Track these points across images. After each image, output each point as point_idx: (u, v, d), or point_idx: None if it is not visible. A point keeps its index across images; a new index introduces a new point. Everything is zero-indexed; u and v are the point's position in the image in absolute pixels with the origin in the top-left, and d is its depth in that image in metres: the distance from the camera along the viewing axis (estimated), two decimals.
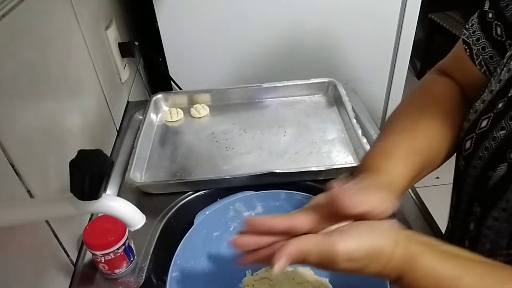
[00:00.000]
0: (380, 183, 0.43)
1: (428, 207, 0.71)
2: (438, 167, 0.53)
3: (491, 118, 0.46)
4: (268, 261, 0.38)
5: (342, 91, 0.94)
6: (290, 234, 0.38)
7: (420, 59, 2.71)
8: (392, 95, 1.38)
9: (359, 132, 0.81)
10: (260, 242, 0.39)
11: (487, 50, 0.52)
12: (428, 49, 2.60)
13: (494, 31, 0.51)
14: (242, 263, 0.40)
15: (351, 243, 0.36)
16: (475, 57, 0.53)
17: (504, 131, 0.44)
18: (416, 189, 0.74)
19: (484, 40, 0.52)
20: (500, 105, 0.45)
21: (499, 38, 0.50)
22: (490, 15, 0.51)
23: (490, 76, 0.51)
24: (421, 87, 0.60)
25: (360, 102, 0.98)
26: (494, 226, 0.45)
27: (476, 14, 0.54)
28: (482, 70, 0.53)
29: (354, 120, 0.85)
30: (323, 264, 0.36)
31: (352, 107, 0.89)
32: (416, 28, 1.23)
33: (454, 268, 0.37)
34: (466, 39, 0.54)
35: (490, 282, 0.36)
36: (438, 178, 1.88)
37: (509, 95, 0.45)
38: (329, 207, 0.38)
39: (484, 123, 0.47)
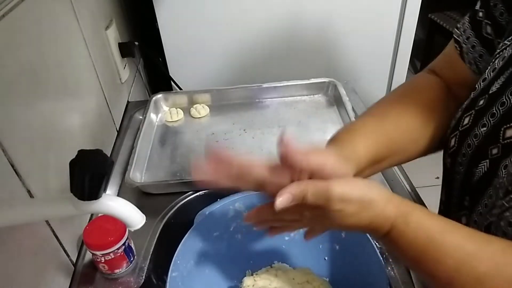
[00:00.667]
0: (335, 150, 0.46)
1: (428, 207, 0.71)
2: (415, 157, 0.54)
3: (472, 115, 0.47)
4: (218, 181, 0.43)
5: (342, 91, 0.94)
6: (245, 171, 0.43)
7: (420, 59, 2.70)
8: None
9: None
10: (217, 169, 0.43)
11: (476, 48, 0.52)
12: (428, 49, 2.59)
13: (484, 30, 0.51)
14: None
15: (346, 185, 0.40)
16: (465, 55, 0.54)
17: (485, 128, 0.45)
18: (416, 189, 0.74)
19: (474, 38, 0.52)
20: (481, 102, 0.46)
21: (489, 36, 0.51)
22: (481, 14, 0.52)
23: (479, 75, 0.51)
24: (407, 82, 0.61)
25: (360, 102, 0.98)
26: (479, 220, 0.46)
27: (468, 14, 0.54)
28: (472, 68, 0.53)
29: (354, 120, 0.85)
30: (319, 203, 0.39)
31: (352, 107, 0.89)
32: (416, 28, 1.23)
33: (444, 225, 0.39)
34: (457, 37, 0.55)
35: (477, 239, 0.38)
36: (438, 178, 1.88)
37: (490, 92, 0.45)
38: (283, 161, 0.42)
39: (466, 120, 0.48)
